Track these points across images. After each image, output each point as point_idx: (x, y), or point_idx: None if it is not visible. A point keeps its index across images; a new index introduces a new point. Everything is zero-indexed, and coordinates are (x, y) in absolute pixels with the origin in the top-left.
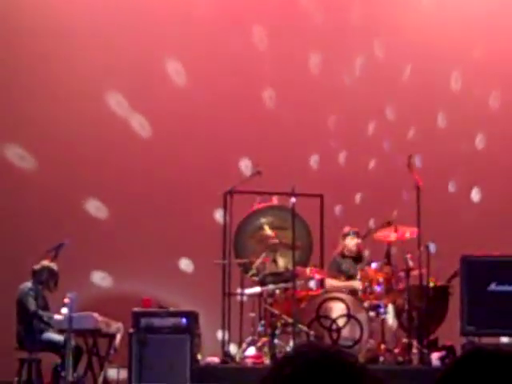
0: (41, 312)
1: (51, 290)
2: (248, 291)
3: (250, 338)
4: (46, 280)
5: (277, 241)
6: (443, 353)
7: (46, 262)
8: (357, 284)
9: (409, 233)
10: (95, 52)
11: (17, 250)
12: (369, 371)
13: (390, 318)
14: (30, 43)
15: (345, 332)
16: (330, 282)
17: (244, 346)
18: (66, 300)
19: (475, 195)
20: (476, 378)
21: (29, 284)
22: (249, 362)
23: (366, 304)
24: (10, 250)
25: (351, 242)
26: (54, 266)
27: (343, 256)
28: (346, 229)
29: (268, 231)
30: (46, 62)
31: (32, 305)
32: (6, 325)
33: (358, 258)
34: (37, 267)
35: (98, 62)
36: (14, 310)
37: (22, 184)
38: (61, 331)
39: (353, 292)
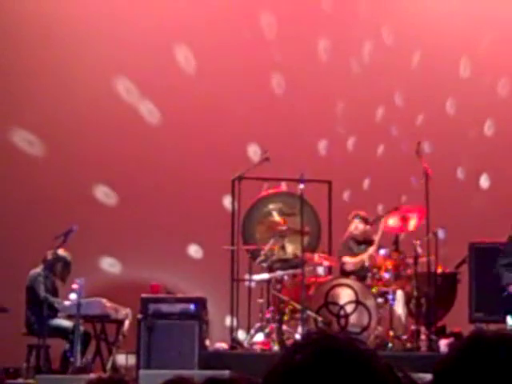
0: (51, 298)
1: (64, 280)
2: (256, 277)
3: (258, 324)
4: (61, 270)
5: (285, 227)
6: (451, 339)
7: (61, 252)
8: (366, 258)
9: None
10: (104, 38)
11: (25, 236)
12: (379, 358)
13: (399, 305)
14: (38, 28)
15: (353, 318)
16: (347, 259)
17: (252, 332)
18: (75, 286)
19: (484, 182)
20: (478, 362)
21: (39, 270)
22: (257, 348)
23: (374, 290)
24: (19, 236)
25: (354, 226)
26: (68, 256)
27: (352, 239)
28: (353, 213)
29: (276, 217)
30: (55, 48)
31: (42, 291)
32: (15, 310)
33: (365, 242)
34: (51, 255)
35: (107, 48)
36: (23, 296)
37: (31, 170)
38: (69, 317)
39: (361, 278)
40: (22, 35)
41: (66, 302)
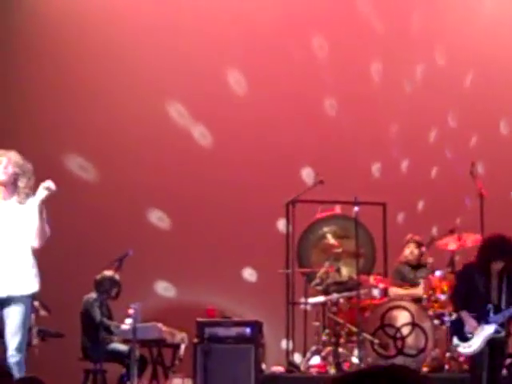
0: (107, 321)
1: (113, 298)
2: (312, 300)
3: (314, 348)
4: (108, 289)
5: (340, 250)
6: (509, 360)
7: (106, 272)
8: (420, 292)
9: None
10: (156, 61)
11: (80, 262)
12: None
13: None
14: (93, 52)
15: (409, 340)
16: (394, 291)
17: (308, 355)
18: (131, 311)
19: None
20: None
21: (93, 295)
22: (313, 371)
23: (430, 312)
24: (73, 262)
25: (407, 251)
26: (115, 275)
27: (406, 264)
28: (408, 236)
29: (331, 240)
30: (108, 72)
31: (98, 314)
32: (71, 336)
33: (418, 265)
34: (98, 277)
35: (159, 71)
36: (79, 321)
37: (84, 195)
38: (125, 341)
39: (417, 300)
40: (78, 62)
41: (123, 327)
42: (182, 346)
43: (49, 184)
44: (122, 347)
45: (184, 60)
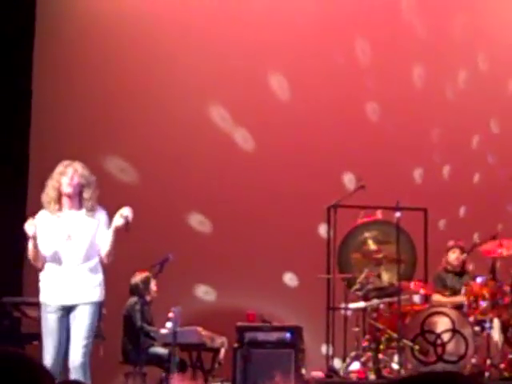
0: (147, 327)
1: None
2: (352, 306)
3: (354, 353)
4: (143, 290)
5: (381, 255)
6: None
7: (137, 274)
8: (462, 299)
9: None
10: (199, 65)
11: (121, 265)
12: None
13: (496, 333)
14: (136, 54)
15: (450, 347)
16: (436, 298)
17: (348, 360)
18: (171, 314)
19: None
20: None
21: (135, 299)
22: (353, 376)
23: (471, 319)
24: (113, 265)
25: (453, 257)
26: (146, 275)
27: (447, 271)
28: (450, 243)
29: (372, 246)
30: (150, 75)
31: (138, 320)
32: (112, 339)
33: (461, 272)
34: (132, 283)
35: (202, 75)
36: (119, 324)
37: (124, 197)
38: (165, 345)
39: (458, 307)
40: (120, 63)
41: (163, 331)
42: (222, 351)
43: (127, 213)
44: (162, 351)
45: (227, 64)
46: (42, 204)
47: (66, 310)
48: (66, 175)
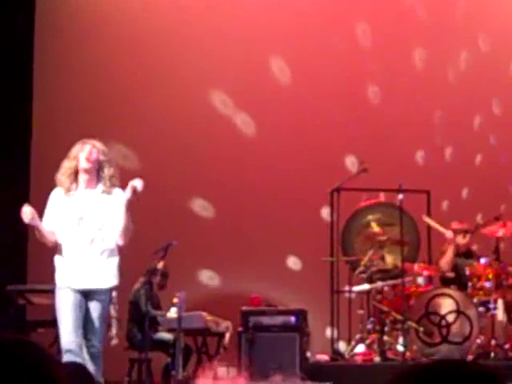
0: (153, 311)
1: (163, 288)
2: (356, 288)
3: (358, 336)
4: (159, 281)
5: (384, 237)
6: None
7: (160, 266)
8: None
9: None
10: (200, 51)
11: (124, 251)
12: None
13: (500, 314)
14: (135, 40)
15: (454, 328)
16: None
17: (353, 343)
18: (176, 300)
19: None
20: None
21: (139, 285)
22: (358, 359)
23: (475, 300)
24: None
25: (462, 237)
26: (166, 269)
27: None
28: (454, 225)
29: (375, 228)
30: (150, 61)
31: (144, 304)
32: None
33: (468, 254)
34: (151, 268)
35: (202, 61)
36: (124, 310)
37: (126, 183)
38: (170, 330)
39: (462, 288)
40: (119, 50)
41: (168, 315)
42: (227, 335)
43: (137, 184)
44: (167, 336)
45: (227, 48)
46: (56, 183)
47: (82, 294)
48: (84, 151)
